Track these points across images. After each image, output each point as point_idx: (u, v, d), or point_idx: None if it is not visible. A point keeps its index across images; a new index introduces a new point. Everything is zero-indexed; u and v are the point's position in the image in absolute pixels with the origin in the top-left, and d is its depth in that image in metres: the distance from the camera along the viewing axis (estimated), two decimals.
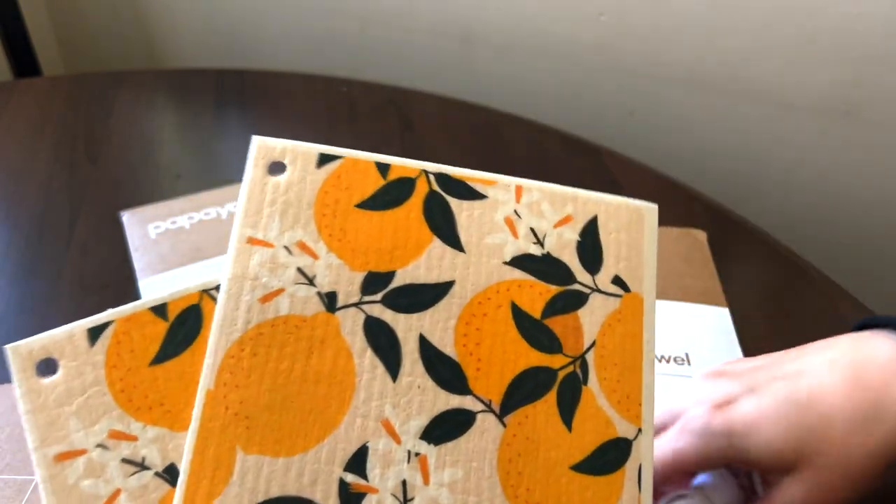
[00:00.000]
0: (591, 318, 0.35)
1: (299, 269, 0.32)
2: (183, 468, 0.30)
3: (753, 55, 0.87)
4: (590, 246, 0.36)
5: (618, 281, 0.36)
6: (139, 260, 0.63)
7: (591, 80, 0.96)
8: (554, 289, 0.35)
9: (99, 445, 0.31)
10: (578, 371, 0.34)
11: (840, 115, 0.88)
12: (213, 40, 1.11)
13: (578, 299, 0.35)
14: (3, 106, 0.82)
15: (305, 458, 0.31)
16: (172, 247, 0.64)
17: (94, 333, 0.32)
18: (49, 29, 1.14)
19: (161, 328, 0.32)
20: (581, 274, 0.36)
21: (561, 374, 0.34)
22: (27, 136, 0.78)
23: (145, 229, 0.66)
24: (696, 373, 0.56)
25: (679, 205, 0.73)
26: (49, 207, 0.69)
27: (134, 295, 0.60)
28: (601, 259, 0.37)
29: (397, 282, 0.33)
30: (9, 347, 0.31)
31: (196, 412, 0.31)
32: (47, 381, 0.31)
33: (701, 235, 0.68)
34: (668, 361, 0.56)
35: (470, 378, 0.33)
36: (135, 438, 0.31)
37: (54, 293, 0.60)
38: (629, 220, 0.38)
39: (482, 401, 0.32)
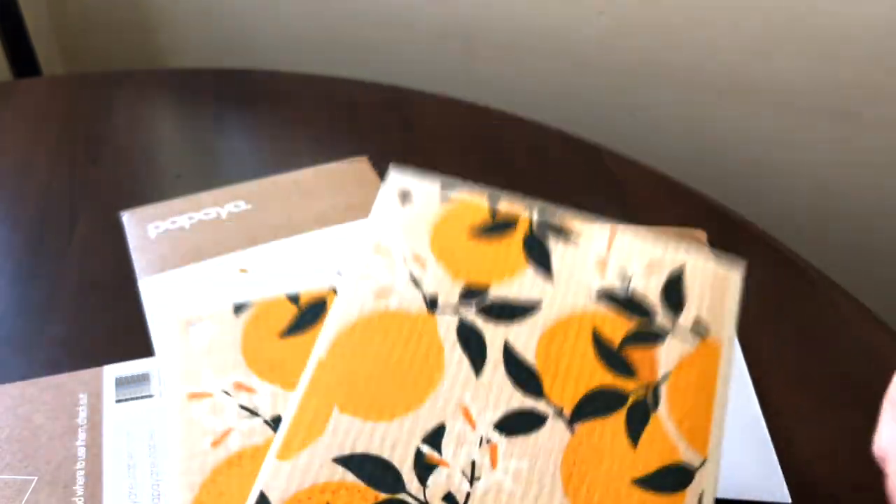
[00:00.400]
0: (668, 355, 0.39)
1: (411, 274, 0.38)
2: (286, 415, 0.37)
3: (753, 55, 0.87)
4: (674, 292, 0.41)
5: (697, 327, 0.40)
6: (139, 260, 0.63)
7: (591, 80, 0.96)
8: (634, 324, 0.39)
9: (224, 392, 0.39)
10: (650, 398, 0.37)
11: (840, 115, 0.88)
12: (213, 41, 1.11)
13: (657, 337, 0.39)
14: (3, 106, 0.82)
15: (390, 426, 0.36)
16: (172, 247, 0.64)
17: (238, 308, 0.42)
18: (49, 29, 1.14)
19: (293, 311, 0.41)
20: (662, 316, 0.40)
21: (632, 398, 0.37)
22: (27, 136, 0.78)
23: (145, 229, 0.66)
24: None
25: (679, 204, 0.73)
26: (49, 207, 0.69)
27: (134, 295, 0.60)
28: (683, 306, 0.41)
29: (491, 295, 0.39)
30: (163, 308, 0.41)
31: (307, 374, 0.38)
32: (193, 336, 0.41)
33: (700, 235, 0.68)
34: None
35: (546, 385, 0.37)
36: (253, 391, 0.39)
37: (54, 293, 0.60)
38: (714, 278, 0.42)
39: (554, 406, 0.37)
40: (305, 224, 0.67)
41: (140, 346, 0.56)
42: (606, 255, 0.40)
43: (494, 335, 0.38)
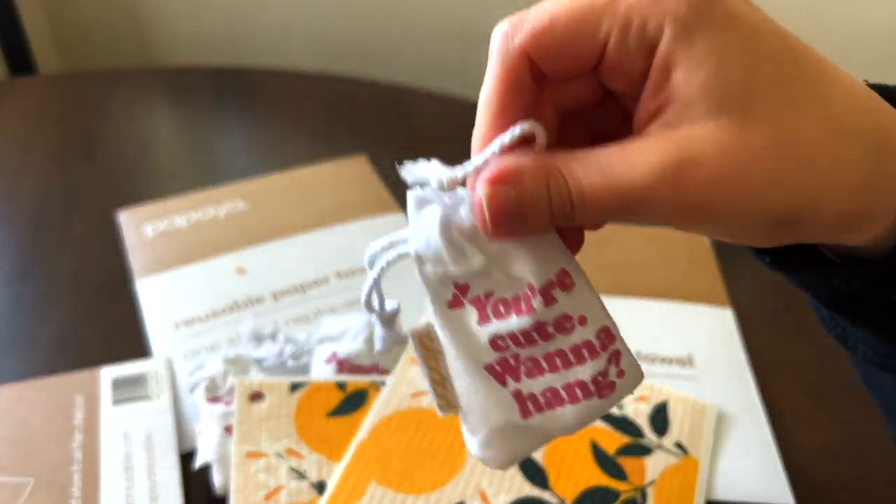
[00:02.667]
0: (654, 465, 0.48)
1: None
2: (330, 483, 0.46)
3: None
4: (659, 419, 0.51)
5: (679, 446, 0.49)
6: (136, 260, 0.63)
7: None
8: (627, 439, 0.49)
9: (277, 454, 0.47)
10: (639, 498, 0.46)
11: None
12: (210, 38, 1.11)
13: (645, 450, 0.49)
14: None
15: (419, 498, 0.45)
16: (169, 246, 0.64)
17: (294, 387, 0.50)
18: (45, 27, 1.13)
19: (339, 396, 0.50)
20: (650, 435, 0.50)
21: (623, 496, 0.46)
22: (23, 134, 0.77)
23: (142, 229, 0.65)
24: (701, 375, 0.55)
25: None
26: (45, 206, 0.68)
27: (131, 295, 0.60)
28: (667, 429, 0.50)
29: None
30: (236, 380, 0.49)
31: (350, 451, 0.47)
32: (255, 406, 0.49)
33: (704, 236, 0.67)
34: (671, 363, 0.56)
35: (551, 480, 0.46)
36: (302, 457, 0.47)
37: (50, 293, 0.60)
38: (693, 410, 0.52)
39: (558, 497, 0.46)
40: (304, 223, 0.67)
41: (137, 347, 0.56)
42: None
43: None
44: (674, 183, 0.23)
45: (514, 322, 0.27)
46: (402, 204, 0.69)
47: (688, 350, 0.57)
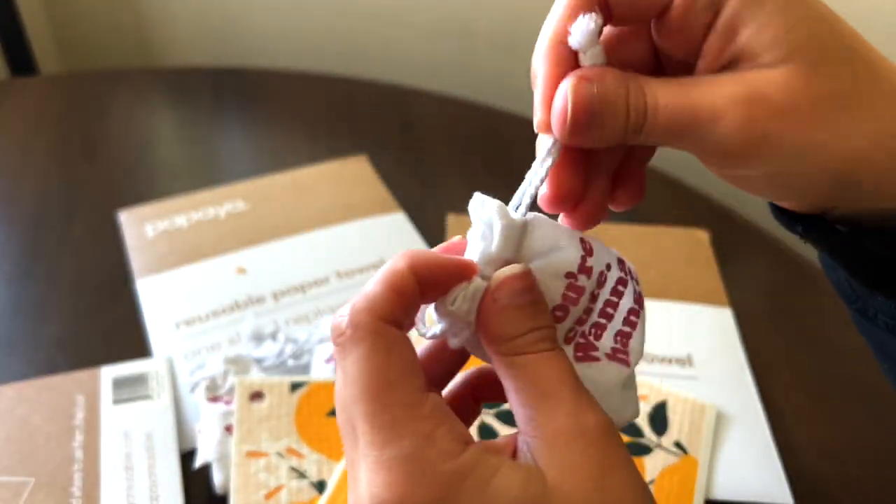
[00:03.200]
0: (654, 464, 0.48)
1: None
2: (330, 482, 0.46)
3: None
4: (658, 418, 0.51)
5: (678, 445, 0.50)
6: (136, 259, 0.63)
7: None
8: (626, 438, 0.49)
9: (277, 454, 0.47)
10: None
11: None
12: (211, 39, 1.11)
13: (645, 449, 0.49)
14: None
15: None
16: (170, 246, 0.64)
17: (295, 386, 0.50)
18: (46, 27, 1.13)
19: None
20: (649, 434, 0.50)
21: None
22: (23, 135, 0.77)
23: (142, 229, 0.66)
24: (700, 375, 0.56)
25: (681, 205, 0.73)
26: (45, 207, 0.68)
27: (131, 295, 0.60)
28: (666, 428, 0.51)
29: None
30: (237, 379, 0.49)
31: None
32: (255, 405, 0.49)
33: (703, 235, 0.67)
34: (670, 363, 0.56)
35: None
36: (303, 456, 0.47)
37: (50, 293, 0.60)
38: (692, 409, 0.52)
39: None
40: (304, 223, 0.67)
41: (137, 347, 0.56)
42: None
43: (510, 431, 0.45)
44: (745, 108, 0.25)
45: (573, 311, 0.27)
46: (402, 204, 0.70)
47: (687, 350, 0.57)
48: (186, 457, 0.49)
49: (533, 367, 0.25)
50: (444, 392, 0.29)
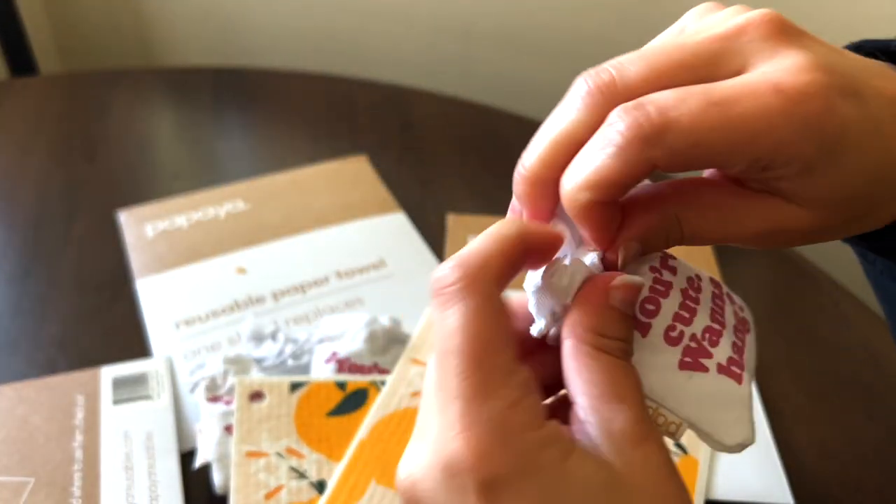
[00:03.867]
0: None
1: None
2: (330, 482, 0.46)
3: None
4: None
5: (678, 445, 0.50)
6: (136, 260, 0.63)
7: None
8: None
9: (277, 454, 0.47)
10: None
11: None
12: (211, 38, 1.11)
13: None
14: None
15: None
16: (170, 246, 0.64)
17: (294, 386, 0.50)
18: (46, 27, 1.13)
19: (339, 395, 0.50)
20: None
21: None
22: (23, 135, 0.77)
23: (143, 229, 0.66)
24: None
25: None
26: (46, 207, 0.68)
27: (131, 295, 0.60)
28: None
29: None
30: (236, 379, 0.49)
31: (350, 451, 0.47)
32: (255, 405, 0.49)
33: None
34: None
35: None
36: (303, 456, 0.47)
37: (50, 293, 0.60)
38: None
39: None
40: (304, 223, 0.67)
41: (137, 346, 0.56)
42: None
43: None
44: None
45: (666, 305, 0.27)
46: (402, 204, 0.70)
47: None
48: (186, 457, 0.49)
49: (611, 368, 0.25)
50: None
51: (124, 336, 0.57)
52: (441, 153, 0.78)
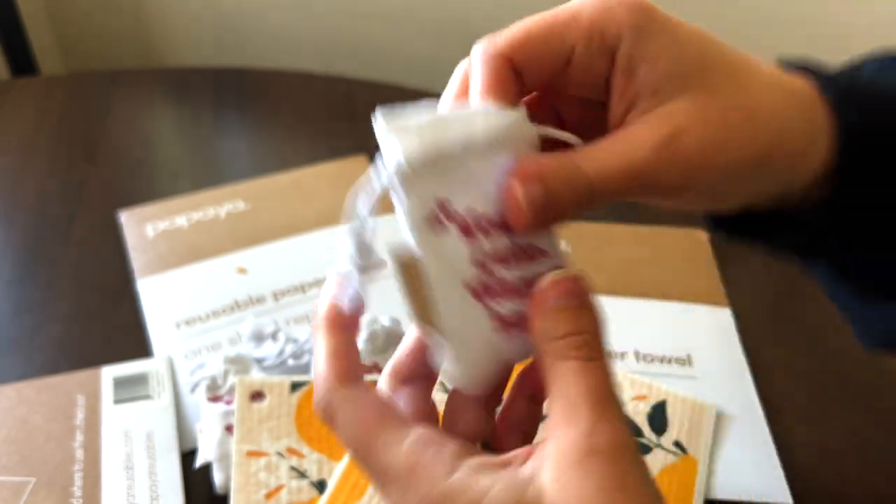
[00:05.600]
0: (653, 464, 0.48)
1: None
2: (331, 482, 0.46)
3: (754, 53, 0.87)
4: (657, 418, 0.51)
5: (678, 445, 0.50)
6: (137, 260, 0.63)
7: None
8: None
9: (278, 453, 0.47)
10: None
11: None
12: (211, 39, 1.11)
13: (644, 449, 0.50)
14: (0, 105, 0.81)
15: None
16: (170, 247, 0.64)
17: (295, 386, 0.50)
18: (47, 27, 1.13)
19: None
20: (648, 434, 0.50)
21: None
22: (24, 135, 0.77)
23: (143, 229, 0.66)
24: (699, 375, 0.56)
25: None
26: (46, 207, 0.68)
27: (132, 295, 0.60)
28: (666, 428, 0.51)
29: None
30: (237, 379, 0.49)
31: None
32: (255, 405, 0.49)
33: (702, 236, 0.68)
34: (669, 363, 0.56)
35: None
36: (303, 456, 0.47)
37: (51, 293, 0.60)
38: (692, 409, 0.52)
39: None
40: (304, 223, 0.67)
41: (138, 346, 0.56)
42: None
43: None
44: (672, 150, 0.27)
45: (496, 240, 0.27)
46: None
47: (686, 350, 0.57)
48: (187, 456, 0.49)
49: (565, 374, 0.25)
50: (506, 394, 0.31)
51: (125, 336, 0.57)
52: None
